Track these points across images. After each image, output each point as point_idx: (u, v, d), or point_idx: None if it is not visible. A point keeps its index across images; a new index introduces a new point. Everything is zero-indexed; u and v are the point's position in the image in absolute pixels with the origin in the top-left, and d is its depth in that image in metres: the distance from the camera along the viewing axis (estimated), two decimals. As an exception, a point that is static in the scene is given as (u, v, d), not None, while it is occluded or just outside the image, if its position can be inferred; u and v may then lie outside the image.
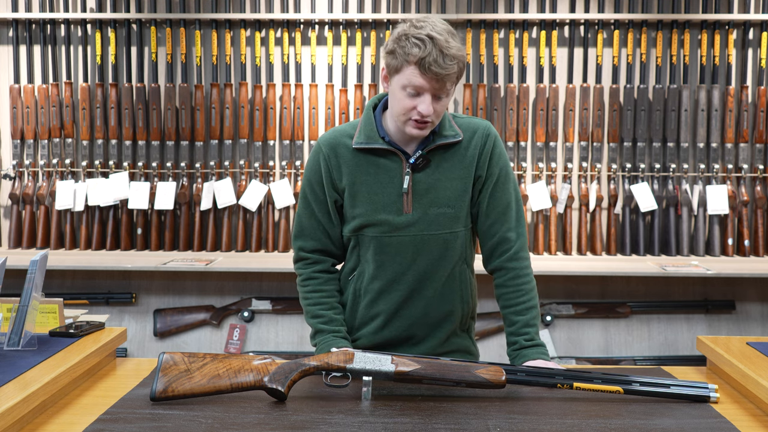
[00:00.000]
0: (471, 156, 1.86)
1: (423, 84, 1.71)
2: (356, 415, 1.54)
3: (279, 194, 3.83)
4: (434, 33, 1.70)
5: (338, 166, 1.87)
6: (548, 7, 3.82)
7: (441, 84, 1.72)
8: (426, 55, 1.68)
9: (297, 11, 3.84)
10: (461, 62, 1.73)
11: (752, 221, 3.89)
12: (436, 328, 1.92)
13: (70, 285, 3.88)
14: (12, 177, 3.88)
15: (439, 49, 1.68)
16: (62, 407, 1.61)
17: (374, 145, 1.84)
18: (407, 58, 1.71)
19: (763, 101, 3.83)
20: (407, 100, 1.74)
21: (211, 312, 3.87)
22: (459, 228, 1.88)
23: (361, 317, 1.94)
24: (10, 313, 1.84)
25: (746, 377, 1.69)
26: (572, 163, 3.90)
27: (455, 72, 1.72)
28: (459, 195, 1.86)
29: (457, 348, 1.96)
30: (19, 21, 3.91)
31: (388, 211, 1.85)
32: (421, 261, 1.87)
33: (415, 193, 1.84)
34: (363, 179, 1.85)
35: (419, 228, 1.85)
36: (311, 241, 1.93)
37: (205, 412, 1.54)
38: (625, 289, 3.91)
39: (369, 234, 1.87)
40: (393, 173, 1.85)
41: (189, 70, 3.94)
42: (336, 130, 1.91)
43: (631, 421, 1.53)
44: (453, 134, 1.85)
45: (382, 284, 1.89)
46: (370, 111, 1.88)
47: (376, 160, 1.85)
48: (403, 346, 1.92)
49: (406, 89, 1.73)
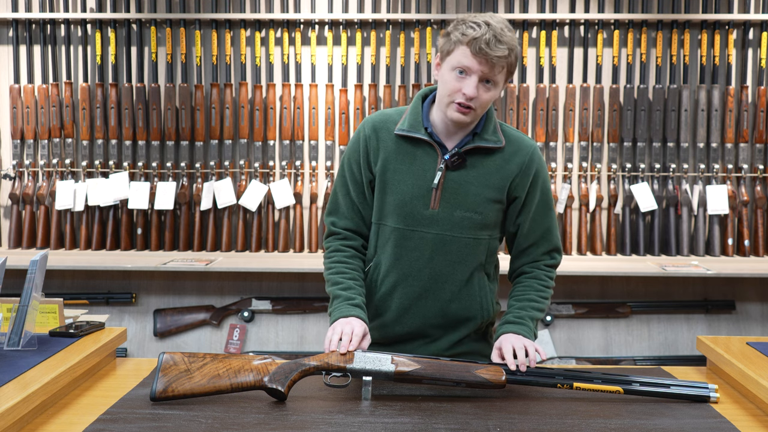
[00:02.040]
0: (510, 171, 1.84)
1: (472, 64, 1.72)
2: (356, 415, 1.54)
3: (279, 194, 3.83)
4: (491, 20, 1.73)
5: (377, 149, 1.87)
6: (548, 7, 3.82)
7: (490, 68, 1.72)
8: (480, 35, 1.70)
9: (297, 11, 3.84)
10: (513, 52, 1.73)
11: (752, 221, 3.89)
12: (451, 330, 1.91)
13: (70, 285, 3.88)
14: (12, 177, 3.88)
15: (493, 33, 1.70)
16: (62, 407, 1.61)
17: (416, 134, 1.83)
18: (461, 38, 1.73)
19: (763, 101, 3.83)
20: (455, 82, 1.74)
21: (211, 312, 3.87)
22: (483, 236, 1.87)
23: (374, 309, 1.93)
24: (10, 313, 1.84)
25: (746, 377, 1.69)
26: (572, 163, 3.90)
27: (506, 57, 1.72)
28: (489, 203, 1.84)
29: (470, 350, 1.95)
30: (19, 21, 3.90)
31: (415, 203, 1.84)
32: (438, 261, 1.86)
33: (445, 190, 1.83)
34: (397, 167, 1.85)
35: (442, 227, 1.84)
36: (344, 220, 1.92)
37: (205, 412, 1.54)
38: (625, 289, 3.91)
39: (391, 225, 1.87)
40: (427, 167, 1.84)
41: (189, 70, 3.94)
42: (383, 113, 1.91)
43: (631, 421, 1.53)
44: (495, 140, 1.84)
45: (397, 277, 1.88)
46: (419, 100, 1.88)
47: (414, 151, 1.85)
48: (414, 344, 1.91)
49: (455, 70, 1.74)
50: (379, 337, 1.93)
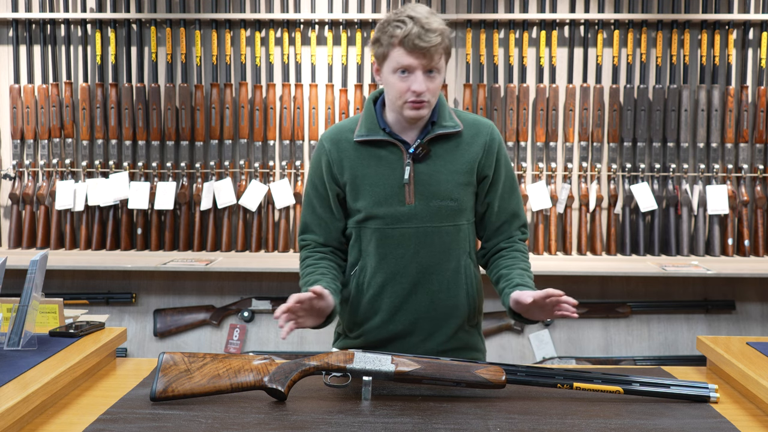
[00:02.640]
0: (475, 152, 1.87)
1: (411, 62, 1.74)
2: (356, 415, 1.54)
3: (279, 194, 3.83)
4: (413, 13, 1.74)
5: (340, 160, 1.88)
6: (548, 7, 3.82)
7: (429, 59, 1.74)
8: (408, 32, 1.72)
9: (297, 11, 3.84)
10: (444, 35, 1.75)
11: (752, 221, 3.89)
12: (443, 322, 1.92)
13: (70, 285, 3.88)
14: (12, 177, 3.88)
15: (420, 25, 1.72)
16: (62, 407, 1.61)
17: (375, 136, 1.85)
18: (391, 41, 1.75)
19: (763, 101, 3.83)
20: (400, 83, 1.76)
21: (211, 312, 3.87)
22: (462, 221, 1.89)
23: (365, 311, 1.93)
24: (10, 313, 1.84)
25: (746, 377, 1.69)
26: (572, 163, 3.90)
27: (440, 44, 1.74)
28: (462, 188, 1.87)
29: (465, 344, 1.95)
30: (19, 21, 3.91)
31: (391, 202, 1.85)
32: (424, 254, 1.87)
33: (417, 183, 1.85)
34: (365, 172, 1.86)
35: (422, 220, 1.86)
36: (313, 235, 1.96)
37: (205, 412, 1.54)
38: (625, 289, 3.91)
39: (371, 226, 1.88)
40: (394, 165, 1.85)
41: (189, 70, 3.94)
42: (337, 126, 1.93)
43: (631, 421, 1.53)
44: (453, 125, 1.87)
45: (384, 277, 1.89)
46: (371, 104, 1.90)
47: (378, 153, 1.87)
48: (410, 341, 1.91)
49: (396, 72, 1.76)
50: (374, 339, 1.93)
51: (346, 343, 2.00)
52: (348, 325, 1.98)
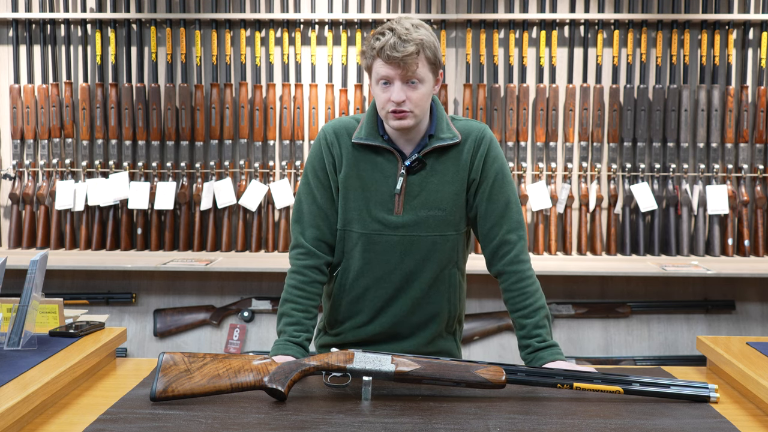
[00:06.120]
0: (465, 160, 1.87)
1: (388, 72, 1.75)
2: (356, 415, 1.54)
3: (279, 194, 3.83)
4: (396, 25, 1.75)
5: (340, 155, 1.88)
6: (548, 7, 3.82)
7: (405, 69, 1.73)
8: (385, 43, 1.73)
9: (297, 11, 3.84)
10: (424, 45, 1.74)
11: (752, 221, 3.89)
12: (422, 328, 1.93)
13: (70, 285, 3.88)
14: (12, 177, 3.88)
15: (397, 36, 1.72)
16: (62, 407, 1.61)
17: (373, 142, 1.85)
18: (372, 53, 1.76)
19: (763, 101, 3.83)
20: (382, 94, 1.78)
21: (211, 312, 3.87)
22: (450, 232, 1.88)
23: (345, 311, 1.94)
24: (10, 313, 1.84)
25: (746, 377, 1.69)
26: (572, 163, 3.90)
27: (416, 54, 1.73)
28: (451, 198, 1.86)
29: (440, 350, 1.96)
30: (19, 21, 3.91)
31: (379, 209, 1.85)
32: (408, 261, 1.87)
33: (407, 195, 1.85)
34: (358, 174, 1.86)
35: (408, 229, 1.86)
36: (310, 229, 1.90)
37: (205, 412, 1.54)
38: (625, 289, 3.91)
39: (357, 231, 1.88)
40: (388, 173, 1.86)
41: (189, 70, 3.94)
42: (340, 120, 1.93)
43: (631, 421, 1.53)
44: (450, 136, 1.86)
45: (368, 282, 1.90)
46: (373, 109, 1.89)
47: (374, 158, 1.87)
48: (388, 344, 1.93)
49: (379, 83, 1.78)
50: (354, 339, 1.94)
51: (325, 340, 2.01)
52: (329, 321, 1.99)
